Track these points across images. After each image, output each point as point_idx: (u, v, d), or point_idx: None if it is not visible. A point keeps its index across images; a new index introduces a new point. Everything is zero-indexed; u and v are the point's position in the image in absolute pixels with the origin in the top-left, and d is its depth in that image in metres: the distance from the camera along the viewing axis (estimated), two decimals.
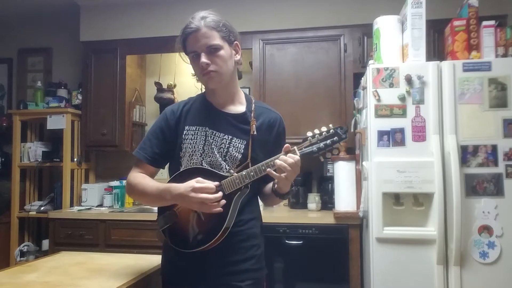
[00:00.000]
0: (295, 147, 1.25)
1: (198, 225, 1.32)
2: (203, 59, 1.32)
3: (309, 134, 1.26)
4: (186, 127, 1.41)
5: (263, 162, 1.27)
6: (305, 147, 1.25)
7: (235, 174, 1.29)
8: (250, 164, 1.33)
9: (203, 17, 1.33)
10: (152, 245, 2.77)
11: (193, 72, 1.43)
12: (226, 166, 1.35)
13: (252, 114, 1.41)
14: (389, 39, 2.23)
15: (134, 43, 3.26)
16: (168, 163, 1.48)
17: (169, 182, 1.37)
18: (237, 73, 1.47)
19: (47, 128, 3.28)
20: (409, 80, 2.10)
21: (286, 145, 1.26)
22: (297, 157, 1.23)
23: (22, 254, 3.25)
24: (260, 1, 3.07)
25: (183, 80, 3.50)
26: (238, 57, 1.41)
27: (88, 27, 3.34)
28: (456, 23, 2.19)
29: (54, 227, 2.97)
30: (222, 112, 1.42)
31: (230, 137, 1.37)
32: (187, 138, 1.39)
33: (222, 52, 1.33)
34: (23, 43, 3.81)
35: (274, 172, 1.24)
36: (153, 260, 1.73)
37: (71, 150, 3.26)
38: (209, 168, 1.35)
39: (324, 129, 1.26)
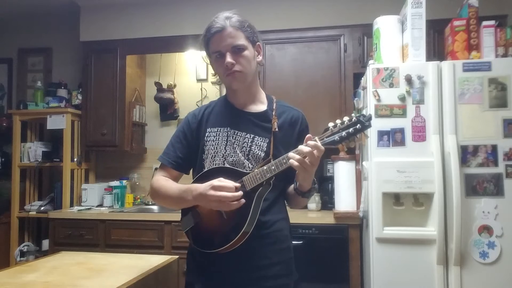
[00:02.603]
0: (316, 137, 1.18)
1: (221, 224, 1.28)
2: (228, 59, 1.30)
3: (331, 124, 1.20)
4: (208, 129, 1.40)
5: (284, 155, 1.21)
6: (326, 137, 1.18)
7: (256, 170, 1.25)
8: (272, 161, 1.27)
9: (228, 17, 1.33)
10: (152, 245, 2.78)
11: (214, 71, 1.43)
12: (249, 164, 1.33)
13: (273, 113, 1.40)
14: (389, 39, 2.23)
15: (134, 43, 3.26)
16: (192, 168, 1.46)
17: (193, 182, 1.35)
18: (257, 74, 1.46)
19: (47, 128, 3.28)
20: (409, 80, 2.10)
21: (308, 135, 1.20)
22: (316, 144, 1.15)
23: (22, 254, 3.24)
24: (260, 1, 3.07)
25: (183, 80, 3.51)
26: (260, 57, 1.41)
27: (88, 27, 3.34)
28: (456, 23, 2.19)
29: (54, 227, 2.97)
30: (243, 112, 1.41)
31: (252, 135, 1.36)
32: (209, 140, 1.38)
33: (246, 53, 1.33)
34: (23, 43, 3.81)
35: (295, 162, 1.17)
36: (153, 260, 1.73)
37: (71, 150, 3.26)
38: (231, 166, 1.32)
39: (346, 118, 1.19)
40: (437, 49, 2.72)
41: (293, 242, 1.51)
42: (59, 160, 3.28)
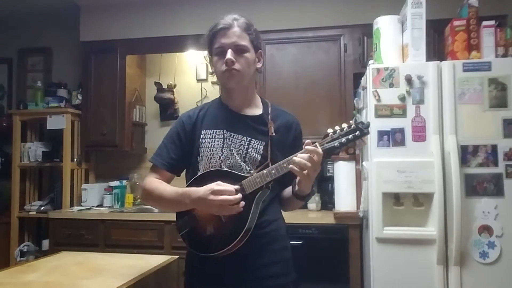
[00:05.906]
0: (316, 143, 1.20)
1: (219, 227, 1.27)
2: (229, 55, 1.30)
3: (330, 130, 1.22)
4: (203, 131, 1.39)
5: (284, 160, 1.23)
6: (326, 143, 1.20)
7: (256, 173, 1.26)
8: (270, 165, 1.28)
9: (236, 18, 1.35)
10: (152, 245, 2.78)
11: (211, 70, 1.42)
12: (246, 167, 1.33)
13: (269, 117, 1.40)
14: (389, 39, 2.23)
15: (134, 43, 3.26)
16: (185, 170, 1.45)
17: (188, 185, 1.35)
18: (255, 80, 1.47)
19: (47, 128, 3.28)
20: (409, 80, 2.10)
21: (307, 141, 1.21)
22: (319, 151, 1.18)
23: (22, 254, 3.24)
24: (260, 1, 3.07)
25: (183, 80, 3.51)
26: (260, 65, 1.42)
27: (88, 27, 3.34)
28: (456, 23, 2.19)
29: (54, 227, 2.97)
30: (239, 115, 1.40)
31: (248, 138, 1.36)
32: (205, 142, 1.37)
33: (248, 55, 1.34)
34: (23, 43, 3.81)
35: (296, 169, 1.19)
36: (153, 260, 1.73)
37: (71, 150, 3.26)
38: (228, 169, 1.32)
39: (344, 125, 1.21)
40: (437, 49, 2.71)
41: (292, 242, 1.50)
42: (59, 160, 3.28)
